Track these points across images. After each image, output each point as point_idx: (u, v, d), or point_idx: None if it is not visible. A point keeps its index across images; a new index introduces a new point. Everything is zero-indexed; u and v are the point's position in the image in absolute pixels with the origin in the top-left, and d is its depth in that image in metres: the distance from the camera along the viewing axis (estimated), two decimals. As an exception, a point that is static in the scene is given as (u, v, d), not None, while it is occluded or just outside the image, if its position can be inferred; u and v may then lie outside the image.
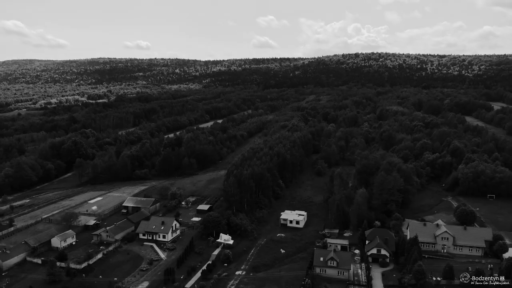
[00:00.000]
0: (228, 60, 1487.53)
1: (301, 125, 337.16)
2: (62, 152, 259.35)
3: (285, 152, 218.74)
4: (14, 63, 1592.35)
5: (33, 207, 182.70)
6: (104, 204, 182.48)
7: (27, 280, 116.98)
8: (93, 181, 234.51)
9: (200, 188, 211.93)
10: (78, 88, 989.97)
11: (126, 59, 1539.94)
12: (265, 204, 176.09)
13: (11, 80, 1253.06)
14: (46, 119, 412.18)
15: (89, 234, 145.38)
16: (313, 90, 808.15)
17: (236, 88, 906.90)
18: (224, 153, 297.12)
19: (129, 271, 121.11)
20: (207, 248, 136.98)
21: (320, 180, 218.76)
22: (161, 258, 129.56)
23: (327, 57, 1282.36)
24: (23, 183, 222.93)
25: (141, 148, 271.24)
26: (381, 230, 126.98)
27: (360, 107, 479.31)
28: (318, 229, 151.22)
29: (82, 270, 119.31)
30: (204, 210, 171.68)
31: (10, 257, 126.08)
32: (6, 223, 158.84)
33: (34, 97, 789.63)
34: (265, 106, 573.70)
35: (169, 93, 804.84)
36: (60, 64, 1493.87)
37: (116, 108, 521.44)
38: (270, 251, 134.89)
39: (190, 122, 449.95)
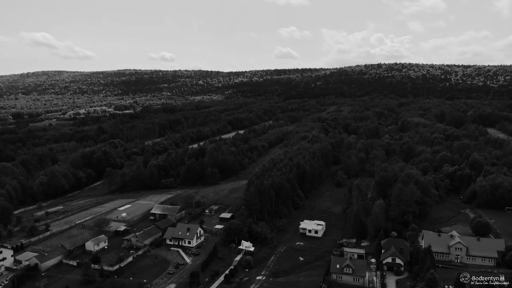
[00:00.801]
0: (250, 71, 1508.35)
1: (321, 136, 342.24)
2: (92, 161, 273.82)
3: (305, 163, 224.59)
4: (43, 74, 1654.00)
5: (67, 213, 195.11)
6: (133, 211, 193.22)
7: (63, 280, 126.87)
8: (121, 189, 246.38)
9: (223, 197, 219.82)
10: (105, 99, 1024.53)
11: (151, 71, 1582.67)
12: (285, 213, 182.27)
13: (40, 91, 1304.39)
14: (76, 129, 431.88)
15: (120, 239, 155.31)
16: (335, 101, 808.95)
17: (257, 99, 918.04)
18: (246, 163, 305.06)
19: (157, 274, 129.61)
20: (230, 254, 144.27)
21: (339, 191, 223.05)
22: (187, 263, 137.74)
23: (349, 68, 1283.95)
24: (56, 190, 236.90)
25: (167, 158, 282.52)
26: (397, 240, 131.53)
27: (382, 119, 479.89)
28: (336, 238, 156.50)
29: (114, 272, 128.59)
30: (226, 218, 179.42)
31: (48, 259, 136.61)
32: (43, 228, 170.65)
33: (63, 107, 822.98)
34: (286, 117, 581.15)
35: (192, 104, 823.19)
36: (87, 76, 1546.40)
37: (142, 119, 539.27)
38: (289, 259, 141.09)
39: (213, 132, 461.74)
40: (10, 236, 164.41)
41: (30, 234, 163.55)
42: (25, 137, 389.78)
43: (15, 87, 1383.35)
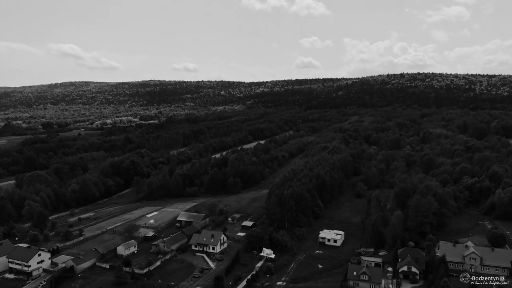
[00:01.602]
0: (271, 81, 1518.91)
1: (341, 147, 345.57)
2: (121, 170, 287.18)
3: (325, 174, 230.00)
4: (71, 84, 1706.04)
5: (98, 219, 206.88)
6: (160, 218, 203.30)
7: (97, 282, 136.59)
8: (148, 197, 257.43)
9: (244, 205, 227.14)
10: (131, 109, 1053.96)
11: (175, 82, 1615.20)
12: (305, 222, 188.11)
13: (68, 101, 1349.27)
14: (104, 139, 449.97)
15: (148, 244, 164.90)
16: (356, 111, 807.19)
17: (278, 109, 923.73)
18: (266, 173, 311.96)
19: (183, 277, 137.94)
20: (251, 260, 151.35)
21: (359, 202, 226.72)
22: (211, 267, 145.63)
23: (371, 77, 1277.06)
24: (87, 198, 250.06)
25: (191, 167, 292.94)
26: (413, 249, 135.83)
27: (404, 129, 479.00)
28: (355, 248, 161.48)
29: (144, 275, 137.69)
30: (248, 226, 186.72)
31: (83, 262, 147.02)
32: (77, 233, 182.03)
33: (91, 117, 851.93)
34: (307, 127, 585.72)
35: (215, 114, 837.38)
36: (113, 86, 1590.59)
37: (167, 129, 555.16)
38: (308, 266, 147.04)
39: (235, 143, 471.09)
40: (46, 240, 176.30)
41: (65, 239, 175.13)
42: (56, 146, 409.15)
43: (43, 97, 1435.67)
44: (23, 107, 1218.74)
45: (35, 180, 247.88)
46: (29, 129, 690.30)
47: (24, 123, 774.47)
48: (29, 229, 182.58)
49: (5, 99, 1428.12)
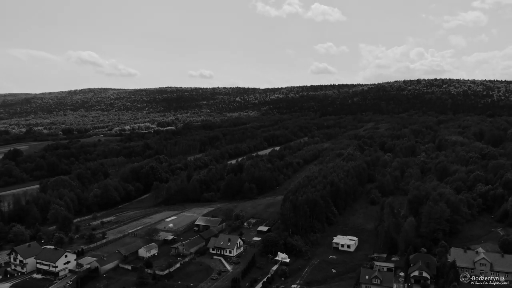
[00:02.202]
0: (286, 87, 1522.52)
1: (356, 154, 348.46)
2: (140, 175, 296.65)
3: (339, 181, 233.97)
4: (89, 91, 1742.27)
5: (119, 223, 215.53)
6: (178, 222, 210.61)
7: (120, 282, 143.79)
8: (167, 201, 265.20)
9: (260, 211, 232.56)
10: (149, 116, 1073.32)
11: (191, 88, 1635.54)
12: (319, 228, 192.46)
13: (87, 107, 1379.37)
14: (123, 145, 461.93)
15: (168, 247, 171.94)
16: (372, 118, 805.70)
17: (293, 115, 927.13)
18: (281, 179, 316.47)
19: (202, 279, 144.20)
20: (267, 264, 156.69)
21: (373, 209, 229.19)
22: (228, 270, 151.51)
23: (387, 83, 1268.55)
24: (108, 202, 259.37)
25: (208, 173, 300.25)
26: (424, 255, 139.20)
27: (420, 136, 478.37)
28: (368, 253, 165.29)
29: (164, 276, 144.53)
30: (263, 231, 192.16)
31: (107, 263, 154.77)
32: (100, 236, 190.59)
33: (110, 124, 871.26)
34: (321, 134, 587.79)
35: (230, 120, 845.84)
36: (131, 93, 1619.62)
37: (184, 135, 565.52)
38: (322, 270, 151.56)
39: (250, 149, 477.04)
40: (71, 242, 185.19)
41: (89, 241, 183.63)
42: (77, 152, 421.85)
43: (63, 104, 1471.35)
44: (44, 113, 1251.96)
45: (59, 185, 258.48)
46: (50, 135, 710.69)
47: (45, 129, 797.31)
48: (55, 232, 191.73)
49: (26, 105, 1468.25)
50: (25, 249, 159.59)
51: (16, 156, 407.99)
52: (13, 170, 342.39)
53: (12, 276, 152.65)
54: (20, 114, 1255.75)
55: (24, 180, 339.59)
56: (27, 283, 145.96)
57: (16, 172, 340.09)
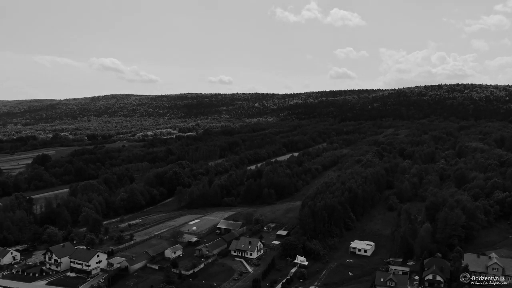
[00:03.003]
0: (305, 93, 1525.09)
1: (375, 161, 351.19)
2: (164, 180, 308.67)
3: (357, 187, 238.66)
4: (112, 97, 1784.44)
5: (146, 225, 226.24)
6: (201, 225, 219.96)
7: (149, 280, 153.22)
8: (189, 205, 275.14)
9: (279, 216, 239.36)
10: (170, 121, 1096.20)
11: (211, 94, 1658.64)
12: (337, 233, 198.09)
13: (110, 113, 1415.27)
14: (147, 151, 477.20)
15: (192, 249, 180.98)
16: (392, 123, 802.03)
17: (312, 121, 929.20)
18: (300, 185, 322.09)
19: (224, 279, 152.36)
20: (286, 266, 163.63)
21: (391, 215, 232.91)
22: (249, 271, 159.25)
23: (408, 89, 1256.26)
24: (134, 205, 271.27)
25: (228, 178, 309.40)
26: (438, 259, 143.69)
27: (440, 143, 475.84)
28: (384, 257, 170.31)
29: (189, 276, 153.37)
30: (282, 235, 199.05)
31: (135, 263, 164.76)
32: (128, 237, 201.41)
33: (132, 129, 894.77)
34: (340, 140, 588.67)
35: (249, 126, 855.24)
36: (153, 99, 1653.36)
37: (204, 141, 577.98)
38: (339, 273, 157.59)
39: (269, 155, 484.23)
40: (101, 243, 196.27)
41: (118, 242, 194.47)
42: (103, 157, 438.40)
43: (87, 110, 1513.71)
44: (68, 119, 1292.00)
45: (87, 189, 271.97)
46: (75, 141, 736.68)
47: (71, 135, 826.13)
48: (86, 233, 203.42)
49: (51, 111, 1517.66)
50: (60, 249, 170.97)
51: (45, 161, 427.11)
52: (43, 174, 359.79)
53: (47, 275, 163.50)
54: (46, 120, 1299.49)
55: (53, 184, 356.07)
56: (62, 281, 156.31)
57: (46, 177, 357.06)
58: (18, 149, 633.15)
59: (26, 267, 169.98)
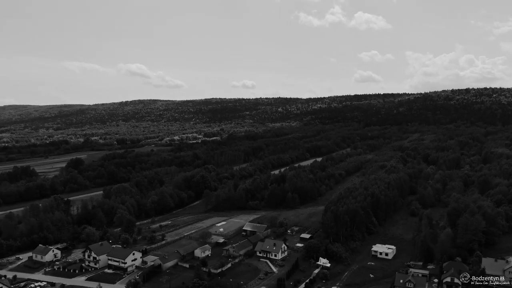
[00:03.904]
0: (329, 97, 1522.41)
1: (399, 166, 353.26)
2: (192, 184, 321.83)
3: (379, 193, 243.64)
4: (139, 102, 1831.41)
5: (176, 227, 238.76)
6: (228, 227, 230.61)
7: (180, 277, 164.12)
8: (216, 208, 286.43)
9: (302, 220, 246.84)
10: (195, 126, 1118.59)
11: (235, 99, 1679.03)
12: (359, 237, 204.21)
13: (138, 118, 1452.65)
14: (174, 155, 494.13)
15: (220, 249, 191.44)
16: (418, 128, 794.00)
17: (336, 126, 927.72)
18: (323, 190, 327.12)
19: (250, 278, 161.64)
20: (309, 267, 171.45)
21: (413, 220, 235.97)
22: (273, 271, 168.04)
23: (434, 93, 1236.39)
24: (164, 208, 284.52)
25: (253, 182, 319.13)
26: (457, 263, 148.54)
27: (466, 148, 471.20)
28: (405, 261, 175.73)
29: (217, 274, 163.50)
30: (306, 238, 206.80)
31: (168, 261, 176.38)
32: (159, 238, 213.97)
33: (160, 134, 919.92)
34: (364, 145, 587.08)
35: (272, 131, 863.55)
36: (178, 104, 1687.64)
37: (228, 145, 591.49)
38: (360, 275, 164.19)
39: (292, 159, 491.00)
40: (135, 243, 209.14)
41: (150, 242, 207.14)
42: (133, 161, 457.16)
43: (115, 114, 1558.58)
44: (98, 124, 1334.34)
45: (120, 191, 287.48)
46: (105, 145, 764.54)
47: (101, 139, 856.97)
48: (120, 233, 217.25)
49: (80, 116, 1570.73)
50: (98, 247, 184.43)
51: (78, 164, 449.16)
52: (78, 178, 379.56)
53: (86, 271, 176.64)
54: (76, 125, 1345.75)
55: (87, 187, 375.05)
56: (101, 277, 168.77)
57: (80, 180, 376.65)
58: (52, 153, 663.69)
59: (66, 264, 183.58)
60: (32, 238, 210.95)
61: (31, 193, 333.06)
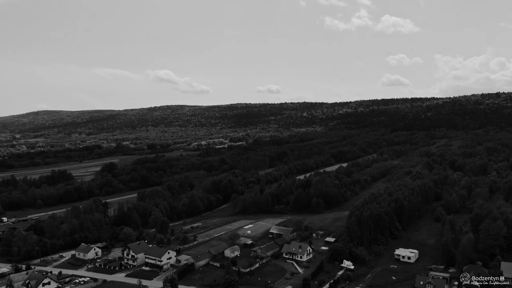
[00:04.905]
0: (355, 101, 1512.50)
1: (424, 173, 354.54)
2: (220, 187, 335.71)
3: (403, 199, 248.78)
4: (168, 108, 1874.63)
5: (206, 228, 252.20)
6: (255, 230, 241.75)
7: (212, 275, 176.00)
8: (243, 211, 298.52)
9: (327, 224, 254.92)
10: (221, 131, 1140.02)
11: (260, 104, 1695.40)
12: (382, 241, 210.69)
13: (166, 123, 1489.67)
14: (202, 160, 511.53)
15: (248, 250, 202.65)
16: (446, 134, 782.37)
17: (362, 131, 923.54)
18: (348, 195, 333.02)
19: (277, 278, 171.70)
20: (333, 269, 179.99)
21: (437, 226, 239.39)
22: (299, 272, 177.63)
23: (463, 97, 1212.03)
24: (194, 210, 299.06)
25: (278, 187, 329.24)
26: (477, 267, 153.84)
27: (494, 154, 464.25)
28: (427, 265, 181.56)
29: (246, 273, 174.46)
30: (330, 241, 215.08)
31: (200, 260, 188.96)
32: (192, 238, 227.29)
33: (188, 139, 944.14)
34: (391, 151, 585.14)
35: (297, 136, 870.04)
36: (205, 109, 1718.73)
37: (254, 150, 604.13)
38: (383, 277, 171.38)
39: (317, 165, 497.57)
40: (169, 243, 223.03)
41: (183, 242, 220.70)
42: (163, 166, 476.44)
43: (144, 120, 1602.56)
44: (128, 129, 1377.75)
45: (154, 194, 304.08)
46: (136, 149, 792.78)
47: (132, 144, 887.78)
48: (155, 234, 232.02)
49: (111, 121, 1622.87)
50: (136, 246, 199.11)
51: (112, 169, 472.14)
52: (112, 181, 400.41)
53: (125, 268, 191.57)
54: (107, 130, 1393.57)
55: (121, 190, 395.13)
56: (139, 274, 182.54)
57: (115, 183, 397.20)
58: (85, 157, 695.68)
59: (107, 261, 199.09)
60: (73, 238, 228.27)
61: (70, 196, 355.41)
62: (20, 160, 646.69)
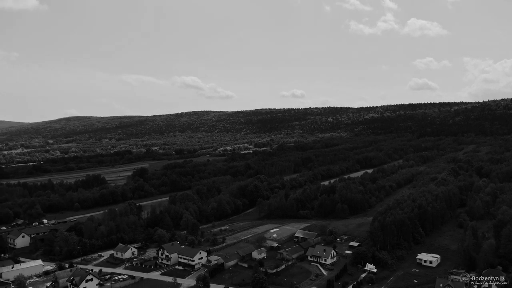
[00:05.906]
0: (382, 106, 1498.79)
1: (449, 179, 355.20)
2: (246, 192, 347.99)
3: (427, 205, 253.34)
4: (194, 114, 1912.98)
5: (234, 231, 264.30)
6: (280, 233, 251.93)
7: (240, 275, 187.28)
8: (268, 216, 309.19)
9: (351, 229, 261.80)
10: (246, 137, 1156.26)
11: (284, 109, 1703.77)
12: (405, 246, 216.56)
13: (193, 129, 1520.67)
14: (228, 165, 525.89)
15: (274, 252, 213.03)
16: (474, 139, 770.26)
17: (388, 137, 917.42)
18: (373, 202, 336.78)
19: (302, 279, 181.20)
20: (357, 272, 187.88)
21: (460, 232, 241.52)
22: (323, 274, 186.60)
23: (493, 102, 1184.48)
24: (222, 214, 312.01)
25: (303, 193, 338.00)
26: (496, 270, 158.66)
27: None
28: (448, 269, 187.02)
29: (273, 274, 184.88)
30: (354, 246, 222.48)
31: (229, 261, 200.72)
32: (221, 240, 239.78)
33: (214, 144, 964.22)
34: (417, 157, 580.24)
35: (322, 141, 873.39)
36: (230, 115, 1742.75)
37: (278, 156, 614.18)
38: (405, 280, 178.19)
39: (342, 171, 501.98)
40: (199, 244, 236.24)
41: (213, 244, 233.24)
42: (191, 171, 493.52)
43: (172, 125, 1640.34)
44: (156, 134, 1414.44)
45: (184, 198, 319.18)
46: (165, 155, 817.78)
47: (160, 149, 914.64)
48: (187, 235, 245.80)
49: (140, 126, 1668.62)
50: (170, 247, 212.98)
51: (143, 173, 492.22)
52: (144, 185, 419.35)
53: (160, 267, 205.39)
54: (136, 135, 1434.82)
55: (152, 194, 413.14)
56: (172, 272, 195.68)
57: (147, 187, 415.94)
58: (117, 162, 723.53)
59: (143, 260, 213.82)
60: (110, 238, 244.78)
61: (105, 199, 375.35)
62: (55, 164, 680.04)
